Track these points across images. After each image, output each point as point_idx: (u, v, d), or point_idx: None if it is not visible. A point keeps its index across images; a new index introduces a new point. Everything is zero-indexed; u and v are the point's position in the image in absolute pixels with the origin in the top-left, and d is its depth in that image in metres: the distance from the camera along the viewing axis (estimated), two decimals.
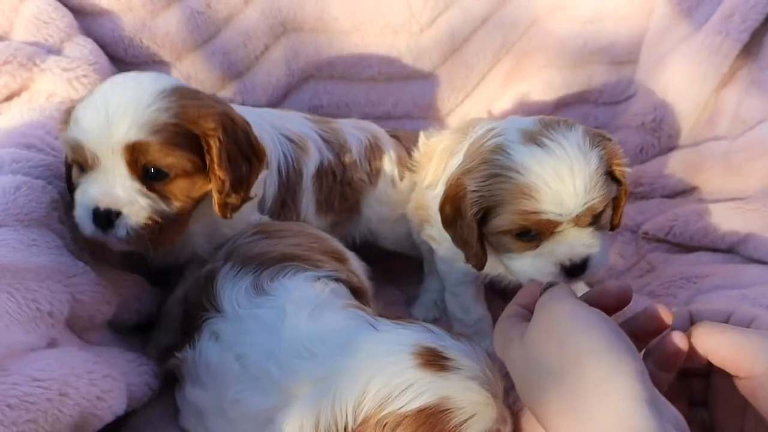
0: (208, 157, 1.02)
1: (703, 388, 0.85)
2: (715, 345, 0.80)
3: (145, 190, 1.00)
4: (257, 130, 1.19)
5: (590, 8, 1.69)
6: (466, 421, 0.86)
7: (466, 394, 0.87)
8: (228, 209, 1.06)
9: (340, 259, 1.14)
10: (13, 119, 1.24)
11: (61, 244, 1.02)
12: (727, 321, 0.85)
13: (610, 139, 1.03)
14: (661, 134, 1.61)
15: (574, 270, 1.01)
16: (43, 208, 1.01)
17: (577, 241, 1.00)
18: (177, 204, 1.03)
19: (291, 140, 1.29)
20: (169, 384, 1.12)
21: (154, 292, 1.25)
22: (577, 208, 0.97)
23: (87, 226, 1.00)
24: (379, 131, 1.48)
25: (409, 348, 0.89)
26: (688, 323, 0.86)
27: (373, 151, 1.43)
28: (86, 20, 1.48)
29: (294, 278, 1.03)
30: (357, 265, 1.18)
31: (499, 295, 1.36)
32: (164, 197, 1.02)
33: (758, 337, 0.78)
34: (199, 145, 1.02)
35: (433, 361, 0.88)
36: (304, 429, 0.88)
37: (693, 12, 1.60)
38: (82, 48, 1.41)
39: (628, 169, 1.04)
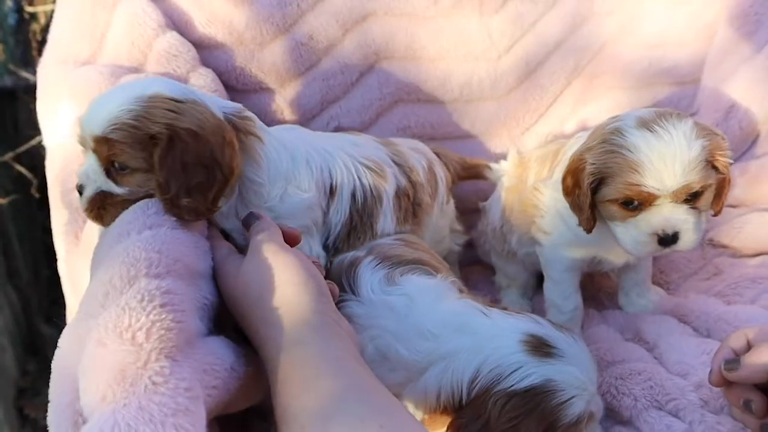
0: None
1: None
2: None
3: (104, 176, 1.12)
4: (333, 161, 1.29)
5: (655, 33, 1.82)
6: (566, 402, 0.99)
7: (567, 379, 1.01)
8: (182, 211, 1.09)
9: None
10: None
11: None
12: None
13: (717, 134, 1.19)
14: None
15: (667, 240, 1.19)
16: None
17: (672, 215, 1.17)
18: (128, 190, 1.12)
19: (370, 169, 1.37)
20: None
21: None
22: (674, 186, 1.14)
23: (76, 195, 1.17)
24: (431, 155, 1.60)
25: (519, 335, 1.04)
26: (746, 343, 1.01)
27: (431, 175, 1.55)
28: (204, 52, 1.64)
29: (420, 276, 1.17)
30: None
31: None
32: (121, 185, 1.12)
33: None
34: (154, 145, 1.09)
35: (540, 347, 1.03)
36: (427, 401, 1.03)
37: (752, 36, 1.71)
38: (205, 77, 1.57)
39: (731, 161, 1.21)
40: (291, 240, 1.11)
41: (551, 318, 1.40)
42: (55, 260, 1.51)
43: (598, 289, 1.60)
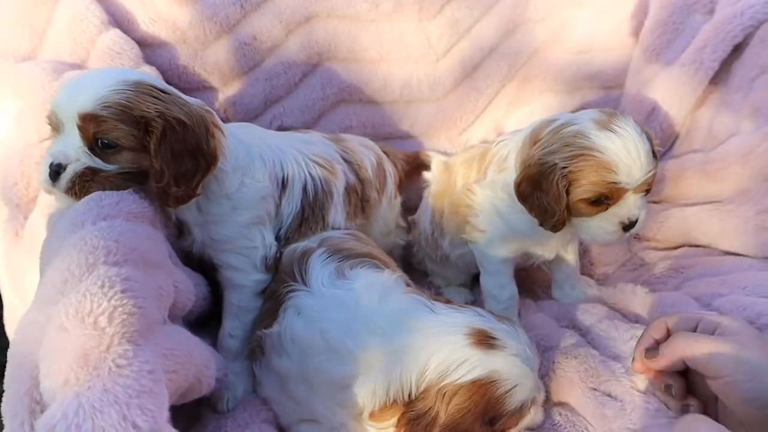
0: (148, 145, 1.13)
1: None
2: (691, 352, 1.00)
3: (90, 154, 1.13)
4: (284, 156, 1.34)
5: (583, 40, 1.92)
6: (510, 390, 1.04)
7: (510, 369, 1.04)
8: (170, 199, 1.15)
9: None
10: None
11: (165, 240, 1.19)
12: (695, 329, 1.04)
13: (643, 124, 1.29)
14: None
15: (630, 226, 1.29)
16: (152, 210, 1.16)
17: (634, 205, 1.27)
18: (117, 166, 1.14)
19: (321, 165, 1.42)
20: None
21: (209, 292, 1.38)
22: (641, 178, 1.24)
23: (43, 176, 1.14)
24: (380, 151, 1.65)
25: (463, 329, 1.06)
26: (665, 331, 1.07)
27: (380, 170, 1.60)
28: (147, 51, 1.64)
29: (368, 270, 1.20)
30: None
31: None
32: (108, 163, 1.14)
33: (724, 345, 0.98)
34: (146, 130, 1.12)
35: (483, 340, 1.05)
36: (376, 394, 1.05)
37: (671, 44, 1.82)
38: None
39: (661, 148, 1.32)
40: None
41: (489, 307, 1.46)
42: None
43: (533, 282, 1.67)
